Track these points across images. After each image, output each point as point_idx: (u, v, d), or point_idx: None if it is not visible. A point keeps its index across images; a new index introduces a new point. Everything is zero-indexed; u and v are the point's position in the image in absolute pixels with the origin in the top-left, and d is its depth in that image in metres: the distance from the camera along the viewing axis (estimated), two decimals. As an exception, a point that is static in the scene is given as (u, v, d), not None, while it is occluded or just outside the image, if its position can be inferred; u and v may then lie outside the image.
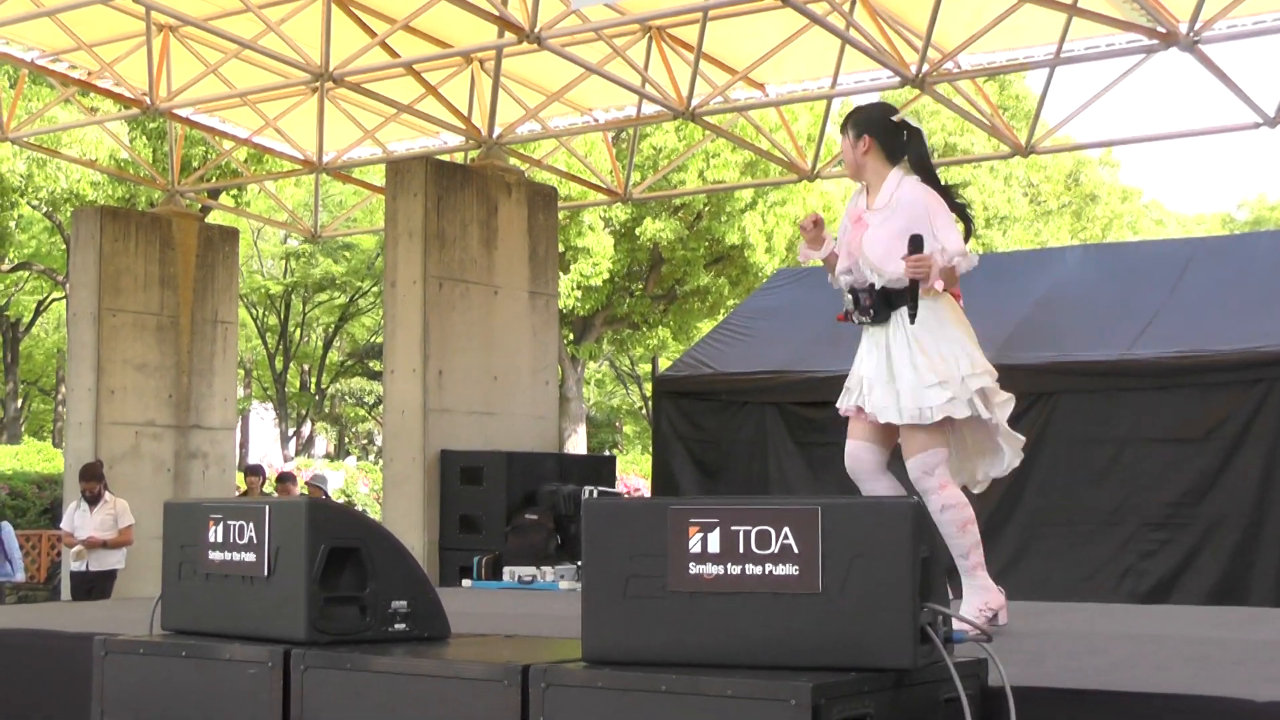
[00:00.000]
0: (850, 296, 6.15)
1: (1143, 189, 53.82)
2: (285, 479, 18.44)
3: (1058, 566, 11.60)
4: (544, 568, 12.34)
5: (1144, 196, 45.03)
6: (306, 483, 18.75)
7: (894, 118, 6.27)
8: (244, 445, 42.53)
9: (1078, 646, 5.76)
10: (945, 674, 3.77)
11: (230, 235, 18.32)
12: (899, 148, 6.23)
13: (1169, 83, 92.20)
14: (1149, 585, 11.25)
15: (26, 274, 35.20)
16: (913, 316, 5.89)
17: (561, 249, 25.53)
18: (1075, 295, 13.13)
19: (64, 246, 29.59)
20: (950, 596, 4.18)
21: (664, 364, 15.80)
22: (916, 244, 5.80)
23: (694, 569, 3.90)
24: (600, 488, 13.20)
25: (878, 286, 6.04)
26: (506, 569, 12.58)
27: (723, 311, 29.03)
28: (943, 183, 6.21)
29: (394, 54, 14.41)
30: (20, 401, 40.92)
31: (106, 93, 16.46)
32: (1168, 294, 12.61)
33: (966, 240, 6.10)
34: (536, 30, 12.50)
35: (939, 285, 5.95)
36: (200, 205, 20.98)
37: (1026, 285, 13.40)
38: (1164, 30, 12.74)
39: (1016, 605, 6.73)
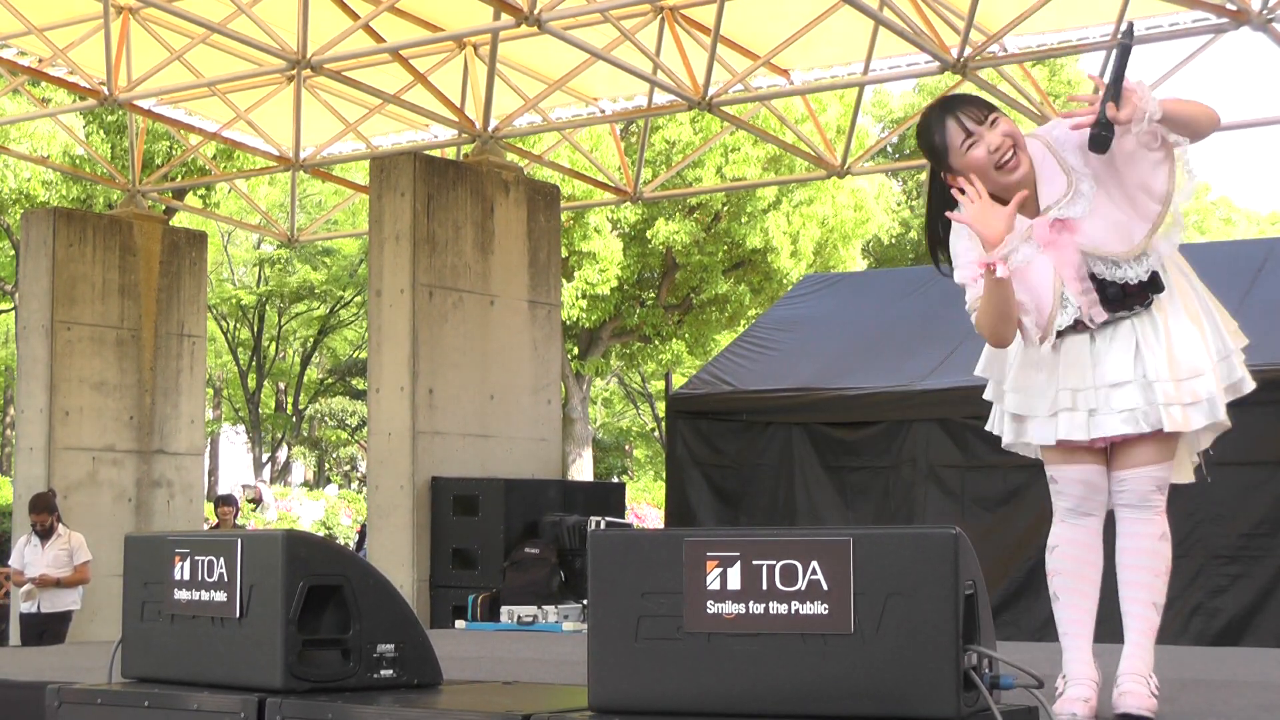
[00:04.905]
0: (1090, 299, 5.06)
1: (1210, 184, 53.76)
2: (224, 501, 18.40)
3: (1116, 605, 11.54)
4: (546, 607, 12.36)
5: (1211, 193, 44.97)
6: (216, 502, 18.56)
7: None
8: (213, 472, 42.57)
9: (1140, 693, 5.73)
10: (992, 724, 3.77)
11: (198, 240, 18.35)
12: None
13: (1240, 66, 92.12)
14: (1220, 626, 11.23)
15: (-30, 283, 35.27)
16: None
17: (565, 254, 25.54)
18: (1135, 303, 13.08)
19: (12, 252, 29.64)
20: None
21: (678, 381, 15.83)
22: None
23: (712, 608, 3.90)
24: (608, 518, 13.20)
25: (1132, 272, 5.04)
26: (504, 608, 12.59)
27: (744, 323, 29.00)
28: None
29: (379, 39, 14.43)
30: (-36, 424, 40.98)
31: (60, 82, 16.46)
32: (1239, 300, 12.57)
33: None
34: (536, 11, 12.50)
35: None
36: (164, 207, 21.03)
37: (1081, 292, 13.36)
38: (1234, 8, 12.69)
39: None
